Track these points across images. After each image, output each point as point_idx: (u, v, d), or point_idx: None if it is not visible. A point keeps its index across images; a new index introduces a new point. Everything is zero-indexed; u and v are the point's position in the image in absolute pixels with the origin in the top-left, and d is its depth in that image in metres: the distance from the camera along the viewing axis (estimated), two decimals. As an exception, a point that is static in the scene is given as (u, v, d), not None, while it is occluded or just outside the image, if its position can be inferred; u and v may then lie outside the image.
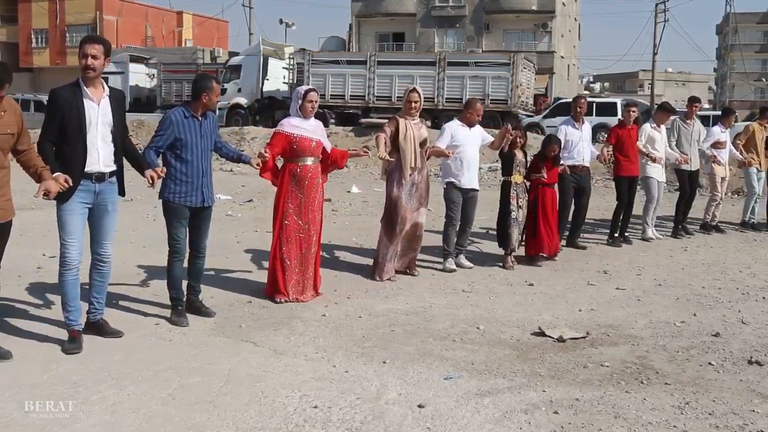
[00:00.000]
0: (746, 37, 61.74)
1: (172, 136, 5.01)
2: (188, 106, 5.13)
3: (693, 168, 9.29)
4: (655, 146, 8.74)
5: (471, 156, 7.06)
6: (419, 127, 6.64)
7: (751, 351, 4.77)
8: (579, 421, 3.63)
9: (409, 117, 6.59)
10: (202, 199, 5.15)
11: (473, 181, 7.12)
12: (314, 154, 5.82)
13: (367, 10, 41.98)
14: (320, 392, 3.93)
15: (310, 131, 5.80)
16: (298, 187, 5.77)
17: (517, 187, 7.31)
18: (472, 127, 7.15)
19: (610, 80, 69.18)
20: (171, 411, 3.66)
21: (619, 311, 5.79)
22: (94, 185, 4.53)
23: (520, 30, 40.29)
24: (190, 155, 5.06)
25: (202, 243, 5.36)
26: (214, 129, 5.30)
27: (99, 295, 4.81)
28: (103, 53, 4.40)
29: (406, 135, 6.47)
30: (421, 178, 6.63)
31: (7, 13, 49.50)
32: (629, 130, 8.64)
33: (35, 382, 3.96)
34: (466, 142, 7.03)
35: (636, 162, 8.70)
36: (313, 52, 27.76)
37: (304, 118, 5.80)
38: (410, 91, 6.61)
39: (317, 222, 5.89)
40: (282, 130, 5.78)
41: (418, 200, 6.61)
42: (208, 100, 5.09)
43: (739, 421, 3.66)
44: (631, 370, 4.41)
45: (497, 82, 24.35)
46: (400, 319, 5.40)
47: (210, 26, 52.94)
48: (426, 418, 3.65)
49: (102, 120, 4.48)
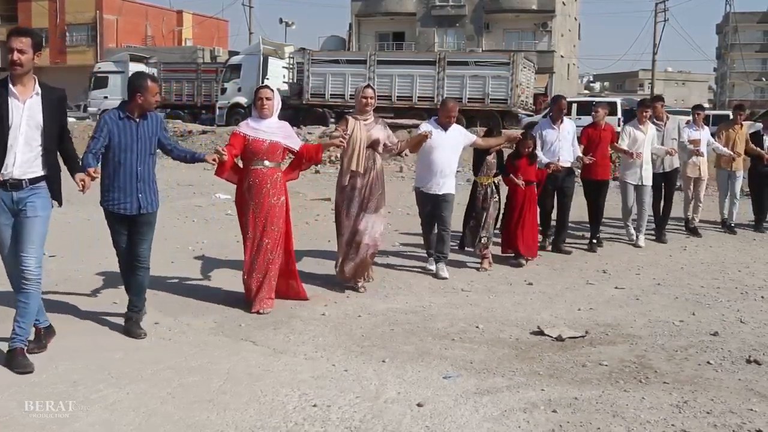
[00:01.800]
0: (746, 37, 61.76)
1: (107, 137, 4.65)
2: (123, 107, 4.75)
3: (667, 169, 8.87)
4: (637, 147, 8.31)
5: (444, 161, 6.67)
6: (371, 127, 6.14)
7: (750, 350, 4.78)
8: (577, 420, 3.64)
9: (362, 116, 6.16)
10: (138, 206, 4.75)
11: (445, 186, 6.71)
12: (269, 157, 5.49)
13: (367, 10, 41.99)
14: (319, 391, 3.94)
15: (267, 132, 5.48)
16: (249, 192, 5.50)
17: (482, 188, 7.11)
18: (447, 128, 6.78)
19: (609, 80, 69.15)
20: (170, 410, 3.67)
21: (618, 310, 5.80)
22: (10, 193, 4.09)
23: (520, 29, 40.33)
24: (124, 159, 4.67)
25: (142, 253, 4.89)
26: (157, 131, 4.83)
27: (21, 319, 4.15)
28: (31, 47, 4.00)
29: (352, 136, 6.04)
30: (367, 183, 6.10)
31: (7, 12, 49.46)
32: (600, 130, 8.25)
33: (35, 381, 3.97)
34: (437, 146, 6.62)
35: (605, 165, 8.36)
36: (313, 52, 27.82)
37: (260, 118, 5.51)
38: (364, 87, 6.23)
39: (272, 229, 5.49)
40: (238, 130, 5.53)
41: (360, 206, 6.09)
42: (143, 100, 4.67)
43: (737, 420, 3.67)
44: (629, 369, 4.42)
45: (497, 81, 24.40)
46: (400, 318, 5.41)
47: (210, 26, 52.93)
48: (425, 416, 3.65)
49: (27, 121, 4.06)
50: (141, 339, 4.77)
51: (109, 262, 6.68)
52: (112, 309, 5.38)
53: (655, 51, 43.44)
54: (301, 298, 5.77)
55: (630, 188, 8.56)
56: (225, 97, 27.67)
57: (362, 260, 6.16)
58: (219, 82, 28.58)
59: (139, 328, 4.87)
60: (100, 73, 31.56)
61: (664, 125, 8.85)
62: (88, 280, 6.32)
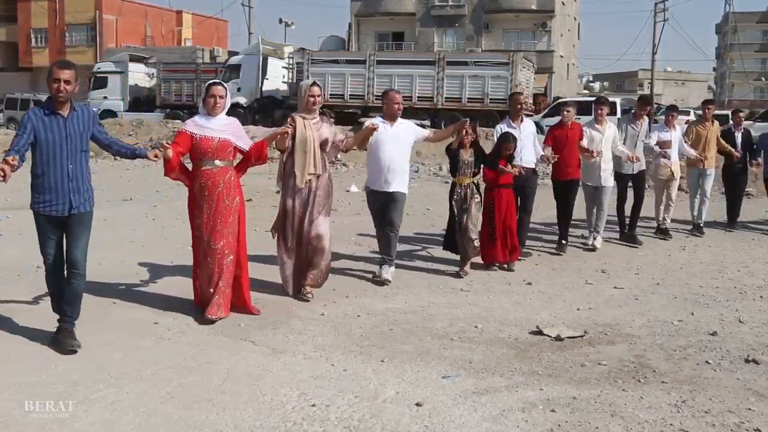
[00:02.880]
0: (745, 37, 61.80)
1: (32, 135, 4.39)
2: (48, 103, 4.50)
3: (635, 170, 8.67)
4: (595, 147, 8.04)
5: (391, 156, 6.34)
6: (319, 126, 5.83)
7: (748, 350, 4.79)
8: (576, 420, 3.65)
9: (309, 115, 5.81)
10: (69, 207, 4.49)
11: (394, 184, 6.37)
12: (219, 156, 5.21)
13: (367, 10, 42.00)
14: (318, 391, 3.95)
15: (215, 130, 5.19)
16: (200, 194, 5.20)
17: (462, 189, 6.82)
18: (394, 122, 6.46)
19: (609, 80, 69.19)
20: (170, 409, 3.67)
21: (617, 310, 5.81)
22: None
23: (520, 29, 40.36)
24: (52, 158, 4.43)
25: (77, 258, 4.58)
26: (89, 126, 4.57)
27: None
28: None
29: (303, 136, 5.71)
30: (320, 184, 5.82)
31: (7, 12, 49.45)
32: (567, 130, 7.99)
33: (35, 381, 3.98)
34: (383, 141, 6.31)
35: (573, 165, 8.04)
36: (312, 52, 27.82)
37: (209, 116, 5.22)
38: (310, 85, 5.83)
39: (227, 232, 5.22)
40: (185, 128, 5.23)
41: (315, 209, 5.80)
42: (55, 89, 4.41)
43: (735, 420, 3.68)
44: (628, 368, 4.43)
45: (496, 81, 24.42)
46: (399, 318, 5.42)
47: (209, 26, 52.91)
48: (424, 416, 3.66)
49: None
50: (75, 353, 4.41)
51: (107, 263, 6.71)
52: (111, 309, 5.39)
53: (654, 51, 43.56)
54: (248, 309, 5.40)
55: (589, 190, 8.35)
56: (224, 98, 27.63)
57: (326, 266, 5.95)
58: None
59: (74, 338, 4.53)
60: (100, 73, 31.60)
61: (641, 125, 8.69)
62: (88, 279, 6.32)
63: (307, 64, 26.40)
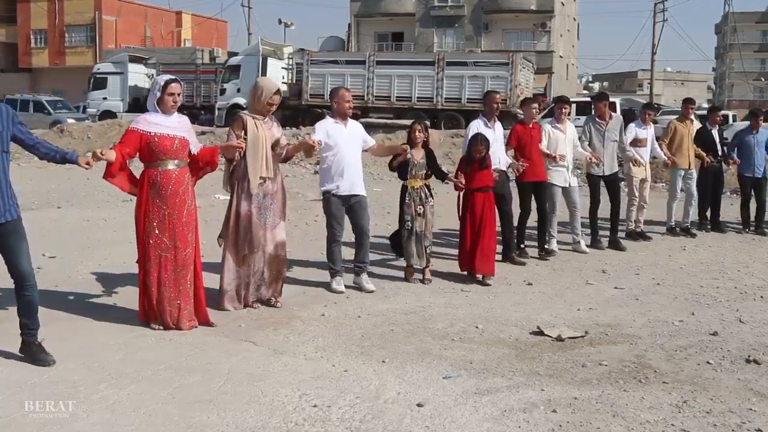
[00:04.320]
0: (745, 37, 61.83)
1: None
2: None
3: (608, 172, 8.34)
4: (557, 148, 7.75)
5: (349, 157, 6.07)
6: (269, 126, 5.53)
7: (749, 350, 4.79)
8: (577, 420, 3.65)
9: (260, 116, 5.47)
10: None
11: (356, 186, 6.11)
12: (178, 156, 4.91)
13: (366, 10, 42.03)
14: (319, 391, 3.95)
15: (173, 128, 4.90)
16: (160, 198, 4.84)
17: (414, 192, 6.44)
18: (346, 122, 6.15)
19: (609, 80, 69.27)
20: (171, 410, 3.67)
21: (618, 310, 5.80)
22: None
23: (519, 30, 40.40)
24: None
25: (23, 269, 4.16)
26: (8, 125, 4.11)
27: None
28: None
29: (255, 137, 5.36)
30: (277, 187, 5.56)
31: (6, 13, 49.44)
32: (530, 129, 7.63)
33: (35, 382, 3.97)
34: (342, 142, 6.03)
35: (541, 165, 7.68)
36: (312, 52, 27.86)
37: (164, 114, 4.91)
38: (273, 94, 5.45)
39: (188, 238, 4.97)
40: (136, 127, 4.84)
41: (275, 214, 5.55)
42: None
43: (736, 420, 3.68)
44: (629, 369, 4.42)
45: (496, 81, 24.42)
46: (399, 319, 5.41)
47: (209, 26, 52.94)
48: (425, 416, 3.66)
49: None
50: (49, 366, 4.17)
51: (108, 263, 6.71)
52: (111, 309, 5.39)
53: (654, 51, 43.53)
54: (203, 320, 5.08)
55: (557, 191, 7.96)
56: (224, 98, 27.68)
57: (284, 274, 5.75)
58: (218, 82, 28.60)
59: (46, 353, 4.26)
60: (99, 74, 31.58)
61: (606, 124, 8.31)
62: (88, 280, 6.33)
63: (307, 65, 26.43)
